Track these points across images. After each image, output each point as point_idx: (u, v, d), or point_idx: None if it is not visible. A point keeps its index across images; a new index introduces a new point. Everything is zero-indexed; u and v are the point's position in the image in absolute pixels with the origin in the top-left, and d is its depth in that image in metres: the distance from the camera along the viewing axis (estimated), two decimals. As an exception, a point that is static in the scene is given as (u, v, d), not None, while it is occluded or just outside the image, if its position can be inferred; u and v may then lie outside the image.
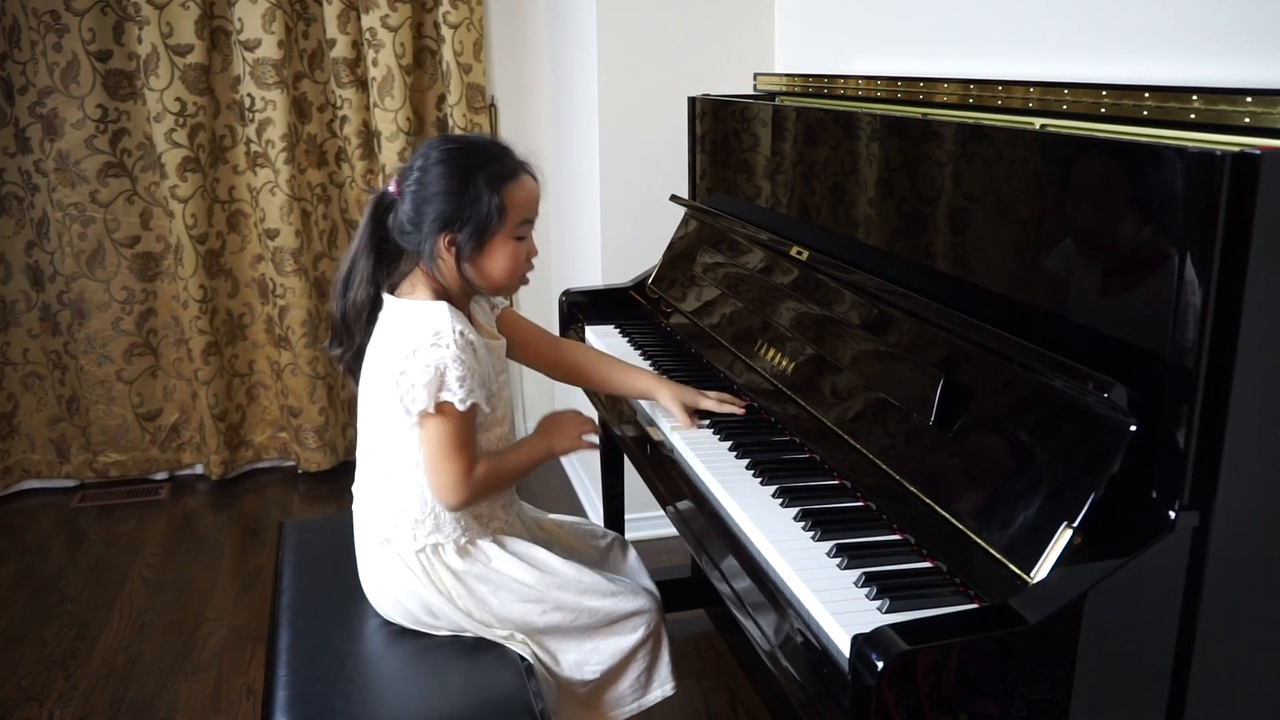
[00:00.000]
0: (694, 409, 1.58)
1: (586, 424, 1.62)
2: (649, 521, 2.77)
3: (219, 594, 2.59)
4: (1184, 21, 1.33)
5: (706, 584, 2.08)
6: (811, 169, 1.69)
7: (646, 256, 2.27)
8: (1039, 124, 1.29)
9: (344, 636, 1.48)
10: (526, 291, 1.55)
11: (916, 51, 1.96)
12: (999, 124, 1.30)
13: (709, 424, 1.55)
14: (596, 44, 2.55)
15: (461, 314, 1.44)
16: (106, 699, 2.17)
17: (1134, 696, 1.00)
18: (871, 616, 1.01)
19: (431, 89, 3.16)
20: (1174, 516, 0.95)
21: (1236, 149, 0.90)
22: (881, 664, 0.87)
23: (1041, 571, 0.95)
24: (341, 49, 2.99)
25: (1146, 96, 1.14)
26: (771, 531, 1.21)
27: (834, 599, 1.05)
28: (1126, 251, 1.02)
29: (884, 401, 1.30)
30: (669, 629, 1.61)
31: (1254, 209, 0.89)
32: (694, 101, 2.18)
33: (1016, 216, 1.19)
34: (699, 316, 1.87)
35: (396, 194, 1.46)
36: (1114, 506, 0.96)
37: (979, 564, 1.03)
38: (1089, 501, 0.96)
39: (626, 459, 2.17)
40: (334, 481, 3.24)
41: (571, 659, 1.50)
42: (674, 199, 2.22)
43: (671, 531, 2.78)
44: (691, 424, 1.55)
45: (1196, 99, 1.07)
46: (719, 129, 2.09)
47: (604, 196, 2.64)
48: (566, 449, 1.60)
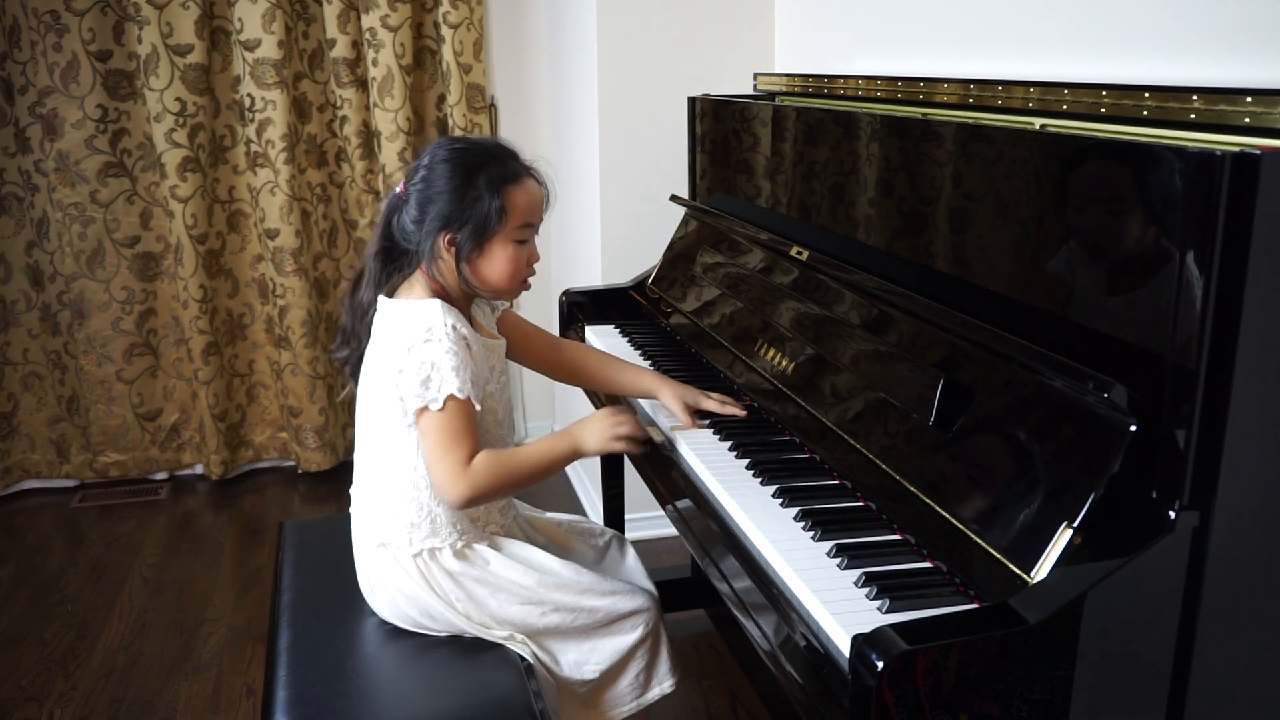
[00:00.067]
0: (695, 409, 1.58)
1: (625, 422, 1.47)
2: (649, 521, 2.77)
3: (219, 594, 2.59)
4: (1184, 21, 1.33)
5: (706, 584, 2.08)
6: (811, 169, 1.69)
7: (646, 256, 2.27)
8: (1039, 124, 1.29)
9: (344, 636, 1.48)
10: (526, 291, 1.55)
11: (916, 51, 1.96)
12: (999, 124, 1.30)
13: (709, 424, 1.55)
14: (596, 44, 2.55)
15: (455, 310, 1.43)
16: (106, 699, 2.17)
17: (1134, 696, 1.00)
18: (871, 616, 1.01)
19: (431, 89, 3.16)
20: (1174, 516, 0.95)
21: (1236, 149, 0.90)
22: (881, 664, 0.87)
23: (1041, 571, 0.95)
24: (341, 49, 2.99)
25: (1146, 96, 1.14)
26: (771, 531, 1.21)
27: (834, 599, 1.05)
28: (1127, 251, 1.02)
29: (884, 401, 1.30)
30: (669, 629, 1.61)
31: (1254, 209, 0.89)
32: (694, 101, 2.18)
33: (1016, 216, 1.19)
34: (699, 316, 1.87)
35: (403, 194, 1.46)
36: (1114, 506, 0.96)
37: (979, 564, 1.03)
38: (1089, 501, 0.96)
39: (627, 459, 2.17)
40: (334, 481, 3.24)
41: (571, 659, 1.50)
42: (674, 199, 2.22)
43: (671, 531, 2.78)
44: (692, 424, 1.55)
45: (1196, 99, 1.07)
46: (719, 129, 2.09)
47: (604, 196, 2.63)
48: (598, 449, 1.48)
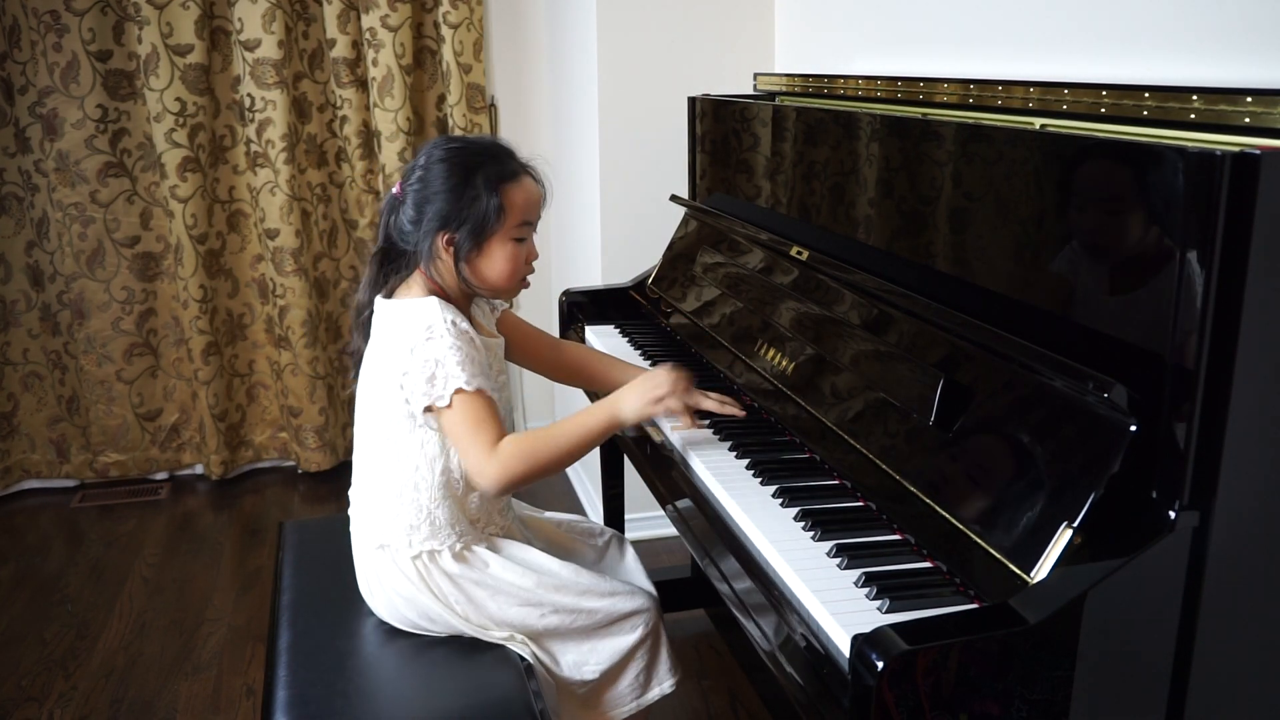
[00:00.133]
0: (695, 409, 1.58)
1: (662, 384, 1.39)
2: (649, 521, 2.77)
3: (219, 594, 2.59)
4: (1184, 21, 1.33)
5: (706, 584, 2.08)
6: (811, 169, 1.69)
7: (646, 256, 2.27)
8: (1039, 124, 1.29)
9: (344, 636, 1.48)
10: (526, 291, 1.55)
11: (916, 51, 1.96)
12: (999, 124, 1.30)
13: (709, 424, 1.55)
14: (596, 44, 2.55)
15: (452, 306, 1.43)
16: (106, 699, 2.17)
17: (1134, 696, 1.00)
18: (871, 616, 1.01)
19: (431, 89, 3.15)
20: (1174, 516, 0.95)
21: (1236, 149, 0.90)
22: (881, 664, 0.87)
23: (1041, 571, 0.95)
24: (341, 49, 2.99)
25: (1146, 96, 1.14)
26: (771, 531, 1.21)
27: (834, 599, 1.05)
28: (1127, 251, 1.02)
29: (884, 401, 1.29)
30: (668, 629, 1.61)
31: (1254, 209, 0.89)
32: (694, 101, 2.18)
33: (1016, 216, 1.18)
34: (699, 316, 1.87)
35: (399, 195, 1.46)
36: (1114, 506, 0.96)
37: (979, 564, 1.03)
38: (1089, 501, 0.96)
39: (626, 459, 2.17)
40: (334, 481, 3.24)
41: (571, 659, 1.50)
42: (674, 199, 2.22)
43: (671, 531, 2.78)
44: (692, 424, 1.55)
45: (1196, 99, 1.07)
46: (719, 129, 2.09)
47: (604, 196, 2.63)
48: (636, 417, 1.42)
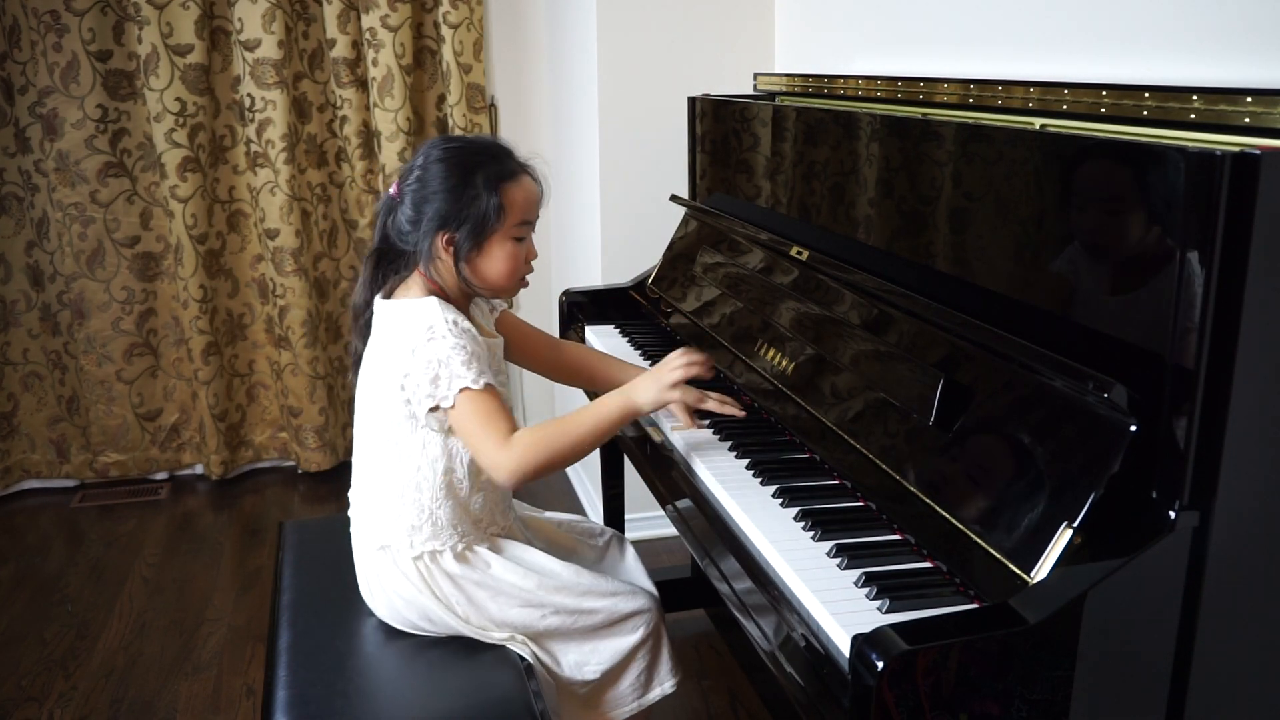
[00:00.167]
0: (695, 409, 1.58)
1: (677, 368, 1.37)
2: (649, 521, 2.77)
3: (219, 594, 2.59)
4: (1184, 21, 1.33)
5: (706, 584, 2.08)
6: (811, 169, 1.69)
7: (646, 256, 2.27)
8: (1039, 124, 1.29)
9: (344, 637, 1.48)
10: (526, 291, 1.55)
11: (916, 51, 1.96)
12: (999, 124, 1.30)
13: (709, 424, 1.55)
14: (596, 44, 2.55)
15: (452, 305, 1.43)
16: (106, 699, 2.17)
17: (1134, 696, 1.00)
18: (871, 616, 1.01)
19: (431, 89, 3.15)
20: (1174, 516, 0.95)
21: (1236, 149, 0.90)
22: (881, 664, 0.87)
23: (1041, 571, 0.95)
24: (341, 49, 2.99)
25: (1146, 96, 1.14)
26: (771, 532, 1.21)
27: (834, 599, 1.05)
28: (1127, 251, 1.02)
29: (884, 401, 1.29)
30: (669, 629, 1.61)
31: (1254, 209, 0.89)
32: (694, 101, 2.18)
33: (1016, 216, 1.18)
34: (699, 316, 1.87)
35: (397, 195, 1.45)
36: (1114, 506, 0.96)
37: (979, 564, 1.03)
38: (1089, 501, 0.96)
39: (627, 459, 2.17)
40: (334, 481, 3.24)
41: (571, 660, 1.50)
42: (674, 199, 2.22)
43: (671, 531, 2.78)
44: (692, 424, 1.55)
45: (1196, 99, 1.07)
46: (719, 129, 2.09)
47: (604, 196, 2.63)
48: (653, 405, 1.39)
